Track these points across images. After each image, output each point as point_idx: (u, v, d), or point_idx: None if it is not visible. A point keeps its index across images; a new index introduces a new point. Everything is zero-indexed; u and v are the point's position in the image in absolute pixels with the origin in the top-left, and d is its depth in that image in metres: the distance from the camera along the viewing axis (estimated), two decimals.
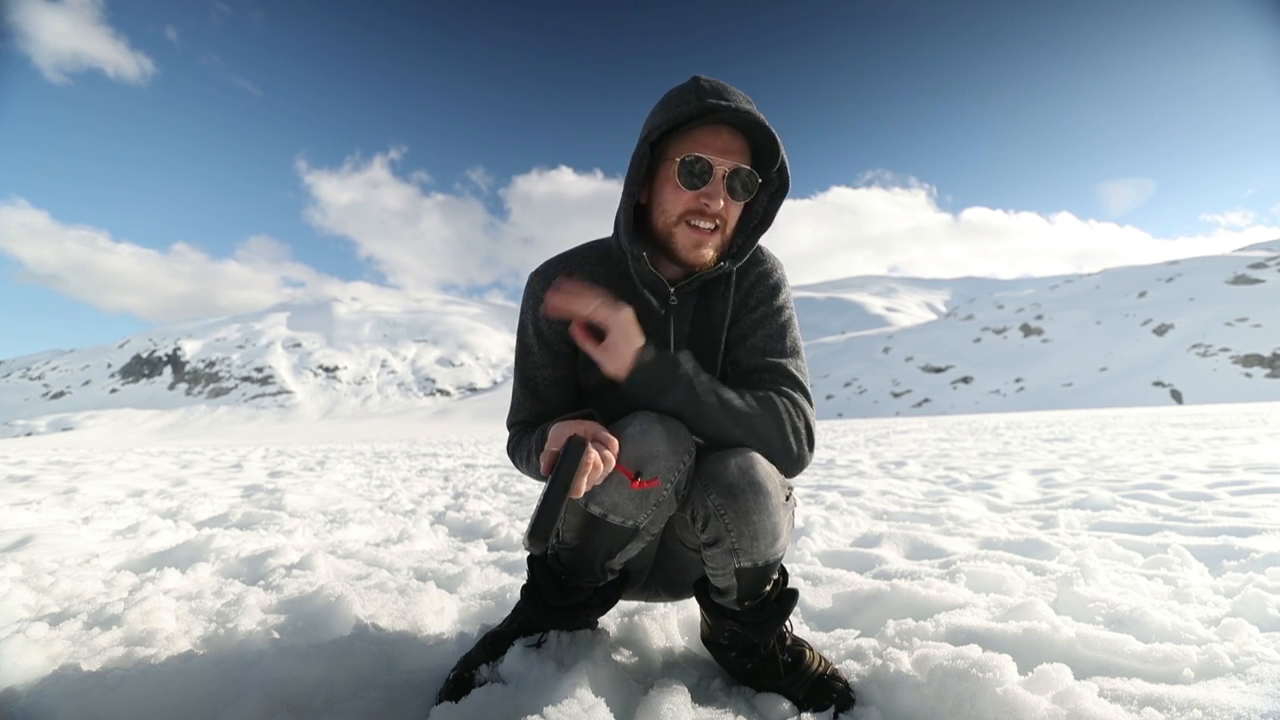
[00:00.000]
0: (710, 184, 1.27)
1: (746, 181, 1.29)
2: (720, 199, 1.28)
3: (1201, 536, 2.65)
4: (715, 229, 1.31)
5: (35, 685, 1.37)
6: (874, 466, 6.70)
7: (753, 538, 1.22)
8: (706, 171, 1.27)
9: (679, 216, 1.30)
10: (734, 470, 1.21)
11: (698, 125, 1.27)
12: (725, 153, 1.27)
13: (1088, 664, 1.43)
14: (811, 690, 1.34)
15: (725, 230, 1.33)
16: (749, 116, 1.25)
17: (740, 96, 1.29)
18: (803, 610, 1.93)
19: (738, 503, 1.20)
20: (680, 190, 1.29)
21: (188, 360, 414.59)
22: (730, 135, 1.28)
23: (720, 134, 1.28)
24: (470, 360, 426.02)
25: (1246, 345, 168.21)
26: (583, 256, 1.44)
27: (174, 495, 5.25)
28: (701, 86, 1.28)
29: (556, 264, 1.44)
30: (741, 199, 1.30)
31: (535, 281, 1.43)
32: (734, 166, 1.27)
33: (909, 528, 3.12)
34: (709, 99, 1.25)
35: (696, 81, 1.30)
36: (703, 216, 1.29)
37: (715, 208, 1.28)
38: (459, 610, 2.00)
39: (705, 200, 1.27)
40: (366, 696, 1.32)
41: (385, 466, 8.99)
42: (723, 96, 1.27)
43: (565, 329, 1.40)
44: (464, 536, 3.43)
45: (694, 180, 1.27)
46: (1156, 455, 6.71)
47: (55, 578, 2.28)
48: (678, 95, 1.30)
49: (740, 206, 1.33)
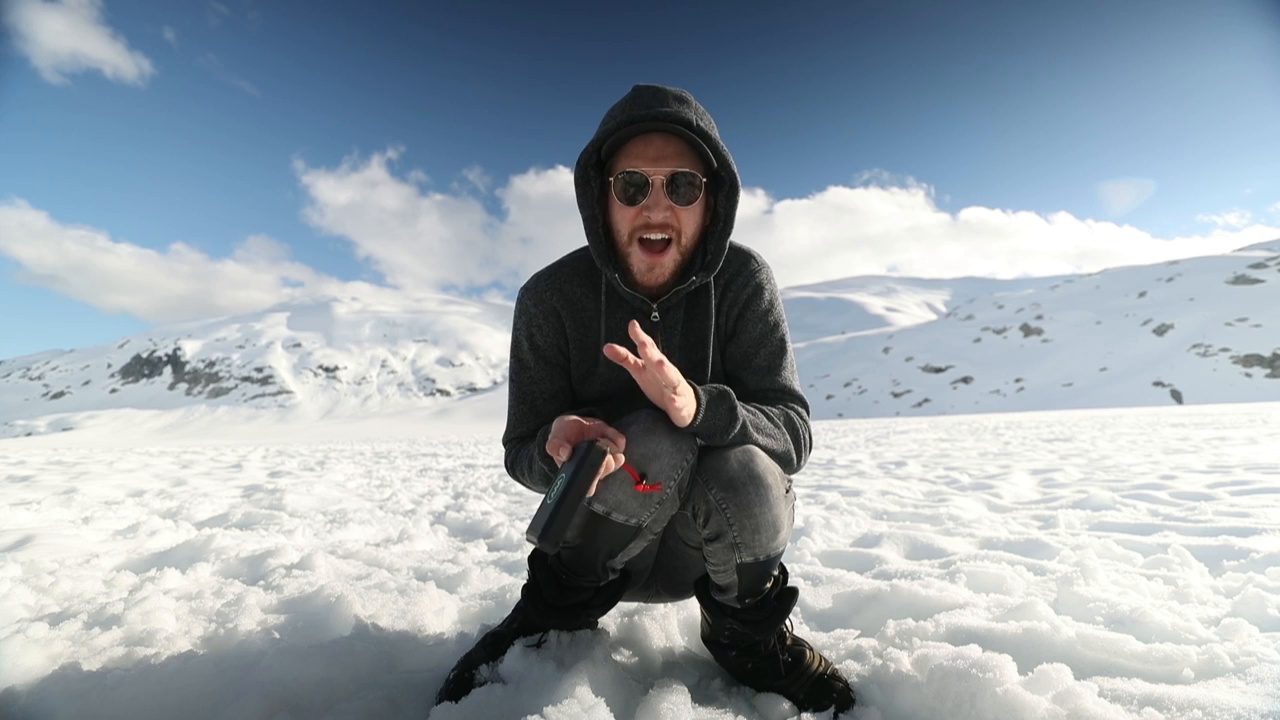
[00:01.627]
0: (650, 195, 1.26)
1: (687, 186, 1.26)
2: (662, 209, 1.26)
3: (1201, 536, 2.65)
4: (669, 241, 1.29)
5: (35, 685, 1.37)
6: (874, 466, 6.70)
7: (754, 531, 1.23)
8: (643, 183, 1.25)
9: (630, 234, 1.30)
10: (735, 465, 1.22)
11: (628, 139, 1.26)
12: (659, 160, 1.25)
13: (1088, 664, 1.42)
14: (811, 690, 1.34)
15: (682, 240, 1.30)
16: (674, 117, 1.22)
17: (672, 97, 1.27)
18: (803, 610, 1.93)
19: (739, 496, 1.21)
20: (624, 207, 1.28)
21: (188, 360, 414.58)
22: (662, 141, 1.26)
23: (651, 142, 1.26)
24: (470, 360, 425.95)
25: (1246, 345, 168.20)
26: (571, 269, 1.43)
27: (174, 495, 5.26)
28: (633, 97, 1.28)
29: (545, 278, 1.44)
30: (687, 203, 1.27)
31: (526, 297, 1.43)
32: (670, 173, 1.25)
33: (909, 528, 3.12)
34: (633, 110, 1.24)
35: (631, 92, 1.30)
36: (651, 229, 1.28)
37: (657, 219, 1.26)
38: (459, 610, 2.00)
39: (647, 213, 1.26)
40: (366, 696, 1.32)
41: (385, 466, 8.99)
42: (650, 104, 1.25)
43: (561, 341, 1.41)
44: (464, 536, 3.43)
45: (633, 195, 1.26)
46: (1156, 455, 6.71)
47: (55, 578, 2.28)
48: (610, 111, 1.30)
49: (694, 211, 1.30)
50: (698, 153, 1.27)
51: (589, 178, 1.31)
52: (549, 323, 1.41)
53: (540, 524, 1.04)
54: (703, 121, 1.26)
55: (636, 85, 1.30)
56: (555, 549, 1.07)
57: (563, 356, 1.42)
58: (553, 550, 1.07)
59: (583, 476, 1.06)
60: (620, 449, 1.12)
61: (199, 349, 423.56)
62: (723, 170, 1.30)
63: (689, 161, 1.27)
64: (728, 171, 1.29)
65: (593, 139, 1.28)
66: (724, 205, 1.33)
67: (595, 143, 1.27)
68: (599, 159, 1.32)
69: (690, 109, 1.27)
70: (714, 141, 1.26)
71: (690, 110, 1.26)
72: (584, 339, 1.40)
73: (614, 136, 1.25)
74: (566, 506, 1.04)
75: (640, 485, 1.17)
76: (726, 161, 1.28)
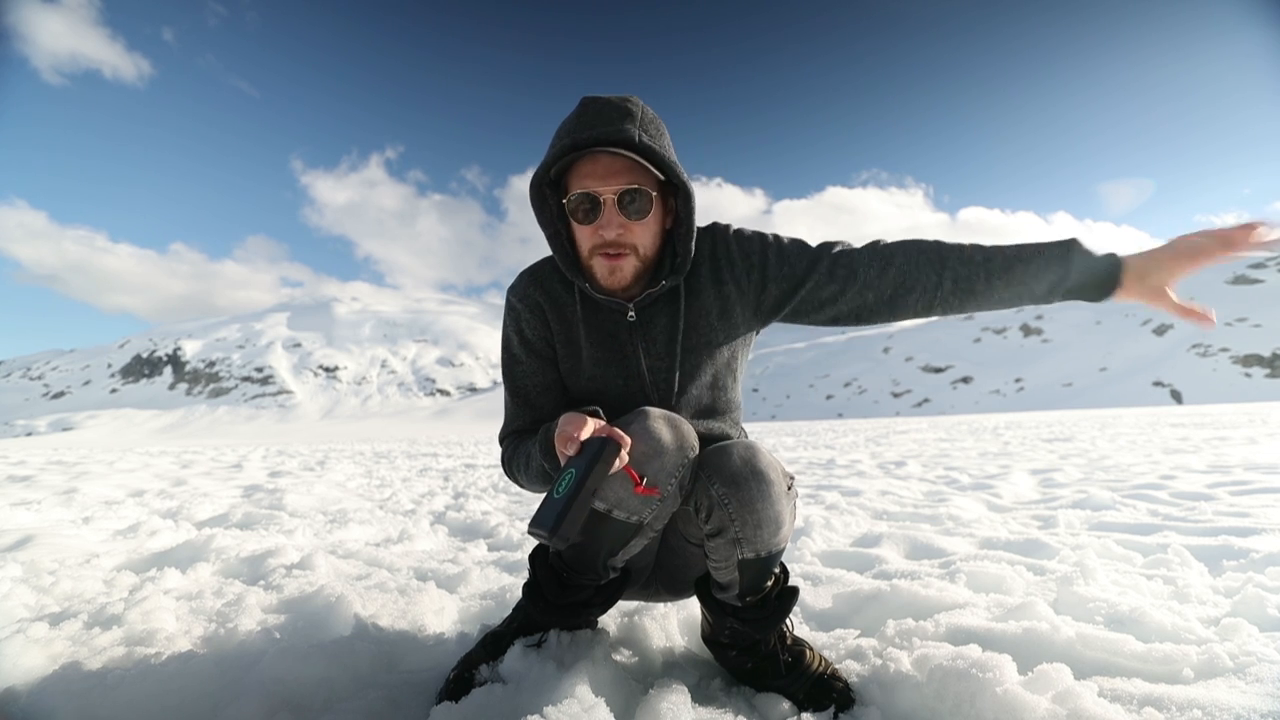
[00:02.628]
0: (602, 215, 1.26)
1: (638, 201, 1.26)
2: (615, 227, 1.26)
3: (1201, 536, 2.65)
4: (627, 252, 1.30)
5: (35, 685, 1.37)
6: (874, 466, 6.70)
7: (756, 526, 1.23)
8: (594, 204, 1.26)
9: (589, 250, 1.31)
10: (737, 460, 1.23)
11: (576, 158, 1.26)
12: (608, 178, 1.25)
13: (1087, 664, 1.42)
14: (811, 690, 1.34)
15: (640, 251, 1.31)
16: (616, 138, 1.22)
17: (617, 112, 1.25)
18: (803, 610, 1.93)
19: (741, 491, 1.21)
20: (580, 226, 1.30)
21: (188, 360, 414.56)
22: (610, 159, 1.25)
23: (598, 160, 1.26)
24: (470, 360, 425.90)
25: (1246, 345, 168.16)
26: (552, 266, 1.45)
27: (174, 495, 5.26)
28: (578, 115, 1.27)
29: (528, 275, 1.46)
30: (640, 217, 1.28)
31: (512, 295, 1.46)
32: (619, 191, 1.25)
33: (909, 528, 3.12)
34: (577, 132, 1.23)
35: (577, 107, 1.29)
36: (608, 246, 1.29)
37: (611, 236, 1.27)
38: (459, 610, 2.00)
39: (602, 231, 1.27)
40: (366, 696, 1.32)
41: (385, 466, 8.99)
42: (594, 123, 1.24)
43: (548, 334, 1.43)
44: (464, 536, 3.43)
45: (586, 215, 1.28)
46: (1156, 455, 6.71)
47: (55, 578, 2.28)
48: (559, 130, 1.30)
49: (648, 223, 1.30)
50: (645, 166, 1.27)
51: (545, 196, 1.33)
52: (535, 317, 1.43)
53: (550, 519, 1.03)
54: (646, 134, 1.25)
55: (584, 99, 1.29)
56: (566, 545, 1.07)
57: (551, 349, 1.44)
58: (563, 546, 1.07)
59: (598, 471, 1.05)
60: (626, 449, 1.12)
61: (199, 349, 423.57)
62: (672, 179, 1.30)
63: (637, 176, 1.26)
64: (677, 179, 1.29)
65: (542, 161, 1.29)
66: (683, 208, 1.33)
67: (545, 166, 1.29)
68: (552, 177, 1.33)
69: (634, 123, 1.25)
70: (659, 156, 1.25)
71: (634, 125, 1.25)
72: (568, 334, 1.42)
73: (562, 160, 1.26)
74: (580, 501, 1.03)
75: (640, 488, 1.17)
76: (675, 171, 1.28)
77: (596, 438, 1.09)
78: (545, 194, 1.34)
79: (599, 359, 1.39)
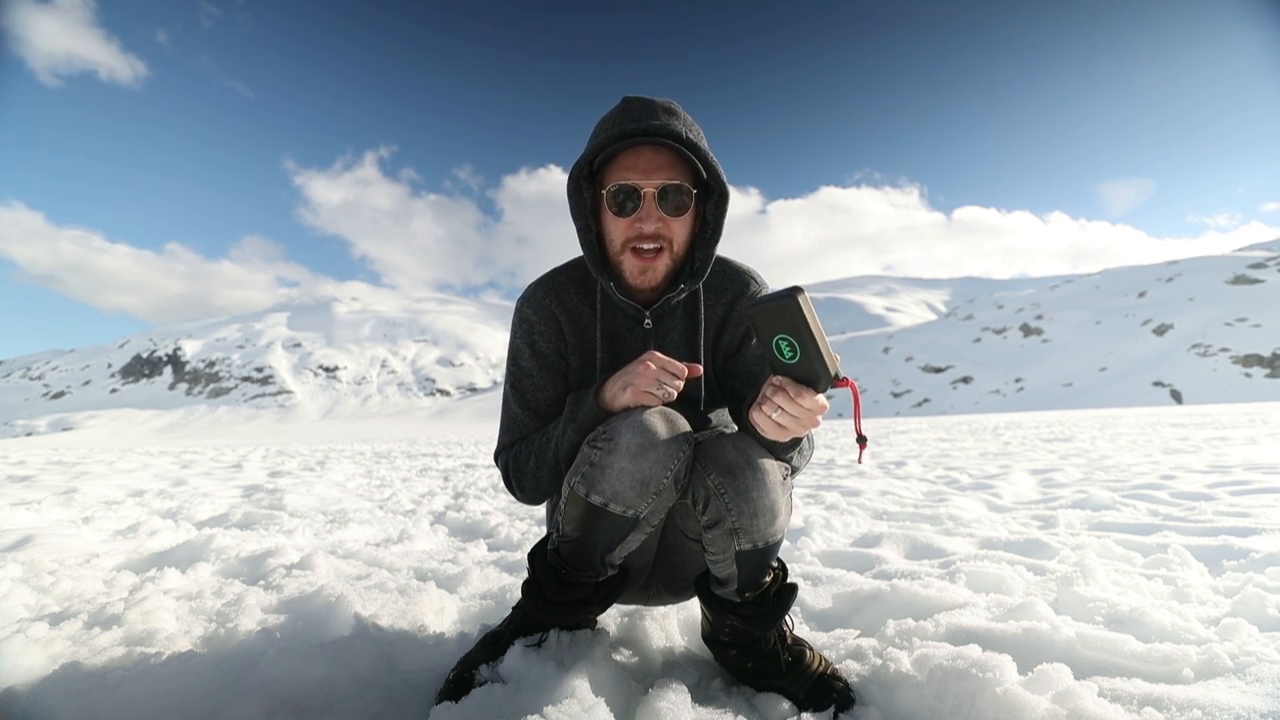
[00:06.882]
0: (642, 208, 1.28)
1: (678, 197, 1.29)
2: (654, 221, 1.29)
3: (1201, 536, 2.65)
4: (660, 249, 1.32)
5: (35, 685, 1.37)
6: (874, 466, 6.70)
7: (753, 515, 1.24)
8: (635, 196, 1.28)
9: (623, 244, 1.32)
10: (732, 450, 1.24)
11: (620, 150, 1.28)
12: (650, 172, 1.27)
13: (1088, 664, 1.43)
14: (811, 690, 1.34)
15: (673, 249, 1.33)
16: (664, 130, 1.24)
17: (661, 109, 1.29)
18: (803, 610, 1.93)
19: (737, 480, 1.22)
20: (617, 219, 1.31)
21: (188, 360, 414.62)
22: (653, 153, 1.28)
23: (642, 154, 1.28)
24: (470, 360, 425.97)
25: (1246, 345, 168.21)
26: (567, 277, 1.46)
27: (174, 495, 5.25)
28: (623, 110, 1.30)
29: (543, 286, 1.46)
30: (678, 214, 1.30)
31: (525, 306, 1.45)
32: (661, 186, 1.27)
33: (909, 528, 3.12)
34: (624, 124, 1.26)
35: (620, 104, 1.31)
36: (643, 239, 1.30)
37: (649, 230, 1.29)
38: (459, 610, 2.01)
39: (639, 225, 1.29)
40: (366, 696, 1.32)
41: (385, 466, 8.99)
42: (640, 117, 1.27)
43: (562, 346, 1.44)
44: (464, 536, 3.43)
45: (624, 207, 1.29)
46: (1156, 455, 6.71)
47: (55, 578, 2.28)
48: (600, 124, 1.32)
49: (685, 222, 1.33)
50: (687, 164, 1.30)
51: (581, 189, 1.34)
52: (550, 329, 1.43)
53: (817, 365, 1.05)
54: (691, 133, 1.29)
55: (626, 97, 1.32)
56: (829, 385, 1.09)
57: (564, 362, 1.44)
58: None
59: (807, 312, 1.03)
60: (682, 378, 1.21)
61: (199, 349, 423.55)
62: (712, 180, 1.33)
63: (679, 173, 1.29)
64: (717, 181, 1.32)
65: (585, 152, 1.31)
66: (713, 213, 1.36)
67: (587, 156, 1.30)
68: (590, 170, 1.34)
69: (679, 121, 1.29)
70: (703, 153, 1.28)
71: (679, 122, 1.28)
72: (582, 345, 1.43)
73: (606, 150, 1.27)
74: (818, 335, 1.04)
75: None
76: (716, 172, 1.31)
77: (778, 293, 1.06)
78: (581, 187, 1.34)
79: (613, 367, 1.39)
